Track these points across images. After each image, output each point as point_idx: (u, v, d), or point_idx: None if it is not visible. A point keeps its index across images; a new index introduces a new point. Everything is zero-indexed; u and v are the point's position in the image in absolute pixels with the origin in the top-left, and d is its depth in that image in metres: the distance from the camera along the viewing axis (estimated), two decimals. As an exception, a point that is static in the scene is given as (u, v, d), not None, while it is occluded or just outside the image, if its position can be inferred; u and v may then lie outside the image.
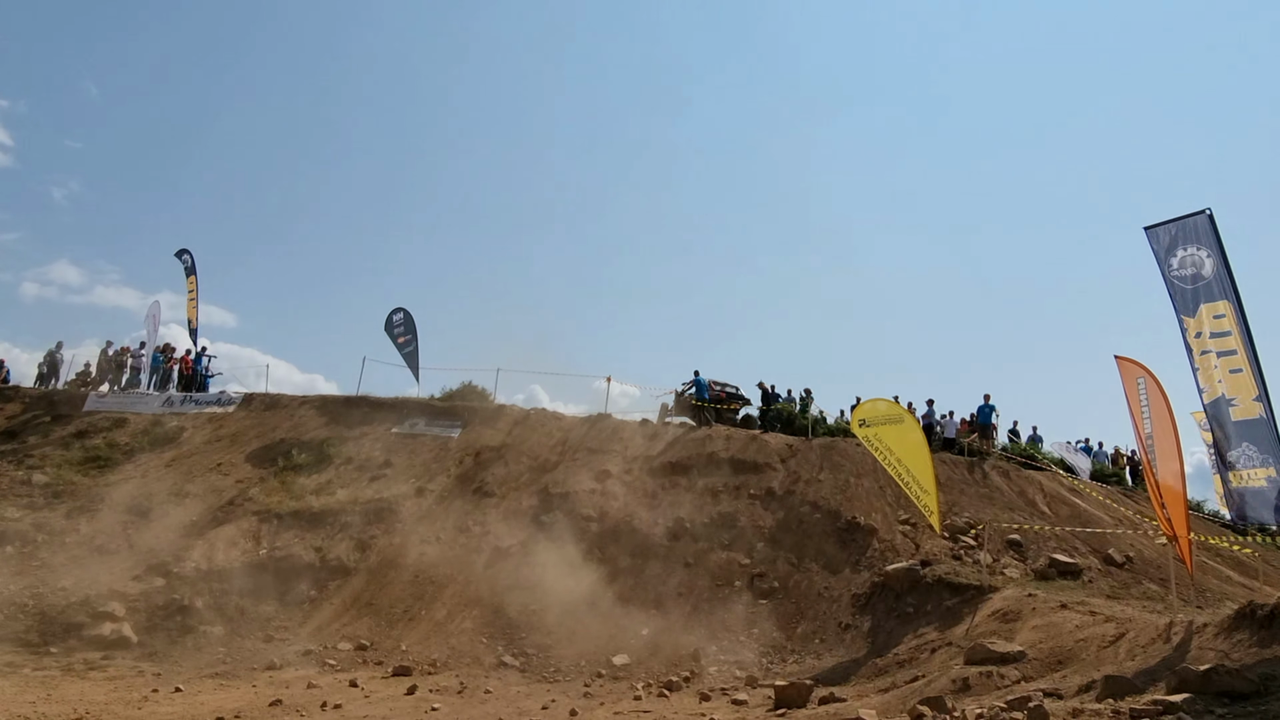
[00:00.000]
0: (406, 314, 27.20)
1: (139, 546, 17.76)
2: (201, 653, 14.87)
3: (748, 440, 21.72)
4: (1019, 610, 12.94)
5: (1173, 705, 7.00)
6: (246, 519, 18.72)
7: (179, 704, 11.37)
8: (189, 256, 28.42)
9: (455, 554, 17.82)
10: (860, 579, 16.37)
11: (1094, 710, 7.03)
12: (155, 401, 25.05)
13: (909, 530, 17.71)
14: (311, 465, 21.25)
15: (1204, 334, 10.44)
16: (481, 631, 15.74)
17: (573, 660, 14.92)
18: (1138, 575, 16.54)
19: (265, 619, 16.11)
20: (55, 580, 16.59)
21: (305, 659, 14.70)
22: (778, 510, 18.91)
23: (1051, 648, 11.12)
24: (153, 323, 27.46)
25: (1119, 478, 25.47)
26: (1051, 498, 20.63)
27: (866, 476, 19.63)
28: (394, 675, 13.95)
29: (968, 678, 10.45)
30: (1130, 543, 17.90)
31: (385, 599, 16.64)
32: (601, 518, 18.97)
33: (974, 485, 20.62)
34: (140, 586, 16.37)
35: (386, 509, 19.15)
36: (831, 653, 14.68)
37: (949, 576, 15.09)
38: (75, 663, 13.86)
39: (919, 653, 13.06)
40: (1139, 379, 11.82)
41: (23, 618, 15.46)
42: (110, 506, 19.12)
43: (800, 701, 11.15)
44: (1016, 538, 17.49)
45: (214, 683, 13.10)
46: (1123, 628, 10.98)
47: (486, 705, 12.04)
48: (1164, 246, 11.00)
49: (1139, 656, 9.85)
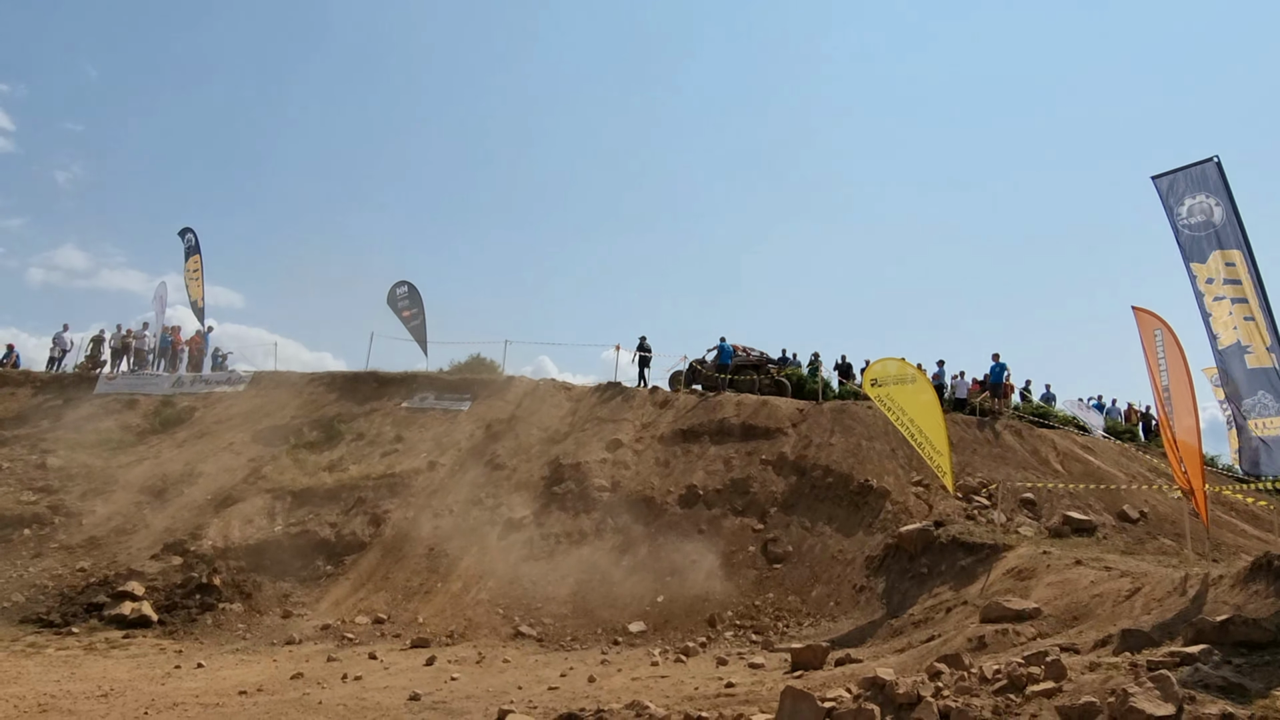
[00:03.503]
0: (411, 287, 27.08)
1: (155, 526, 17.90)
2: (221, 629, 15.01)
3: (758, 405, 21.68)
4: (1033, 568, 12.93)
5: (1190, 656, 6.97)
6: (260, 497, 18.82)
7: (202, 679, 11.48)
8: (192, 235, 28.30)
9: (469, 526, 17.89)
10: (874, 541, 16.38)
11: (1111, 663, 7.00)
12: (165, 382, 25.15)
13: (922, 492, 17.70)
14: (323, 442, 21.34)
15: (1216, 280, 10.26)
16: (497, 603, 15.83)
17: (589, 629, 15.01)
18: (1152, 531, 16.51)
19: (283, 595, 16.24)
20: (74, 561, 16.75)
21: (324, 633, 14.82)
22: (790, 475, 18.91)
23: (1067, 604, 11.11)
24: (160, 304, 27.50)
25: (1132, 434, 25.40)
26: (1065, 455, 20.58)
27: (878, 439, 19.59)
28: (412, 647, 14.06)
29: (984, 635, 10.45)
30: (1144, 499, 17.87)
31: (401, 573, 16.74)
32: (614, 487, 19.00)
33: (986, 445, 20.58)
34: (158, 566, 16.51)
35: (399, 484, 19.22)
36: (847, 615, 14.72)
37: (963, 536, 15.07)
38: (97, 641, 14.00)
39: (934, 612, 13.08)
40: (1156, 331, 11.68)
41: (43, 599, 15.63)
42: (125, 487, 19.26)
43: (817, 663, 11.18)
44: (1030, 496, 17.47)
45: (235, 658, 13.22)
46: (1138, 582, 10.95)
47: (505, 674, 12.12)
48: (1172, 195, 10.80)
49: (1155, 610, 9.82)
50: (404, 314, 26.94)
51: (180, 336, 27.59)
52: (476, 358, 26.51)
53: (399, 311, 27.03)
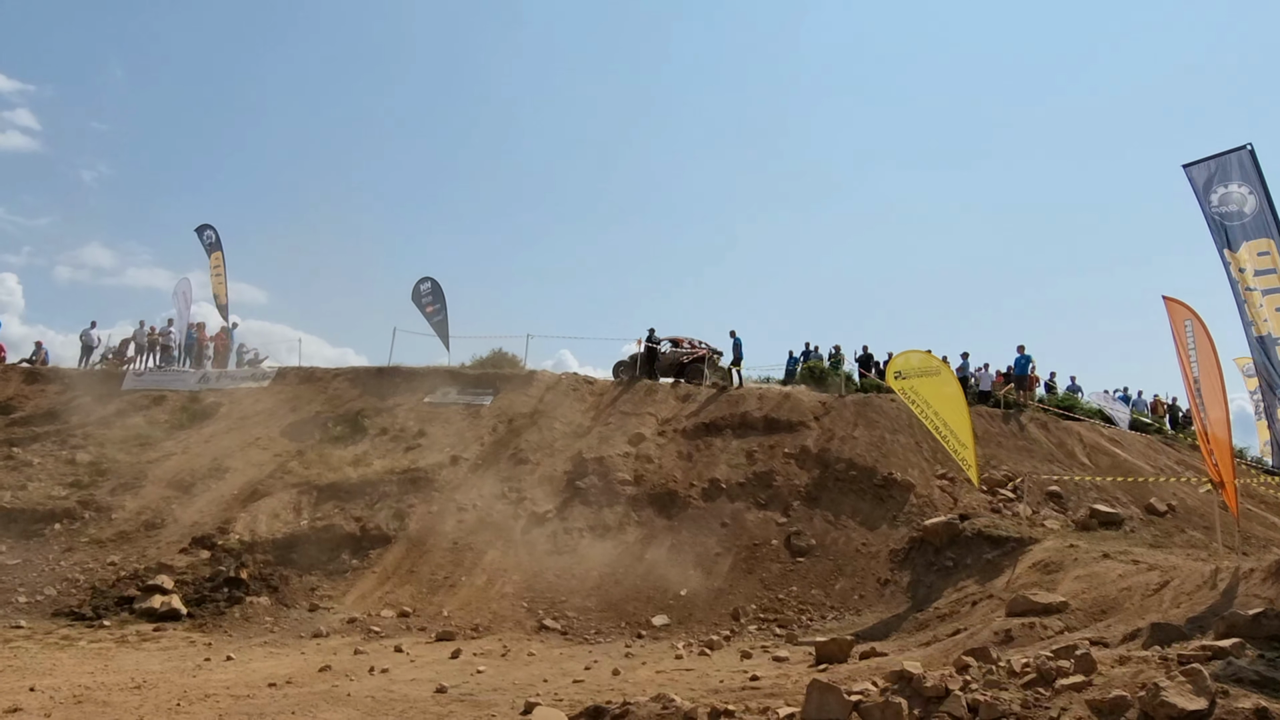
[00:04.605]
0: (434, 283, 27.22)
1: (183, 521, 18.10)
2: (249, 622, 15.16)
3: (780, 399, 21.63)
4: (1060, 561, 12.85)
5: (1222, 650, 6.90)
6: (286, 491, 18.98)
7: (232, 672, 11.61)
8: (212, 232, 28.38)
9: (493, 521, 17.97)
10: (898, 535, 16.33)
11: (1141, 658, 6.94)
12: (191, 378, 25.40)
13: (946, 485, 17.63)
14: (347, 437, 21.48)
15: (1248, 270, 10.14)
16: (522, 596, 15.91)
17: (613, 622, 15.06)
18: (1181, 524, 16.37)
19: (309, 588, 16.38)
20: (104, 555, 16.97)
21: (350, 627, 14.95)
22: (813, 468, 18.86)
23: (1095, 597, 11.04)
24: (183, 300, 27.70)
25: (1159, 427, 25.13)
26: (1091, 448, 20.41)
27: (902, 432, 19.52)
28: (438, 640, 14.15)
29: (1010, 629, 10.41)
30: (1172, 491, 17.70)
31: (425, 566, 16.85)
32: (637, 480, 19.02)
33: (1011, 438, 20.45)
34: (187, 559, 16.70)
35: (423, 478, 19.32)
36: (871, 609, 14.69)
37: (988, 529, 15.01)
38: (129, 634, 14.18)
39: (959, 606, 13.04)
40: (1186, 321, 11.56)
41: (75, 592, 15.85)
42: (153, 482, 19.48)
43: (841, 656, 11.16)
44: (1056, 489, 17.36)
45: (263, 651, 13.36)
46: (1167, 575, 10.87)
47: (531, 667, 12.18)
48: (1203, 183, 10.66)
49: (1185, 604, 9.74)
50: (427, 309, 27.07)
51: (205, 333, 27.84)
52: (498, 352, 26.60)
53: (422, 307, 27.16)
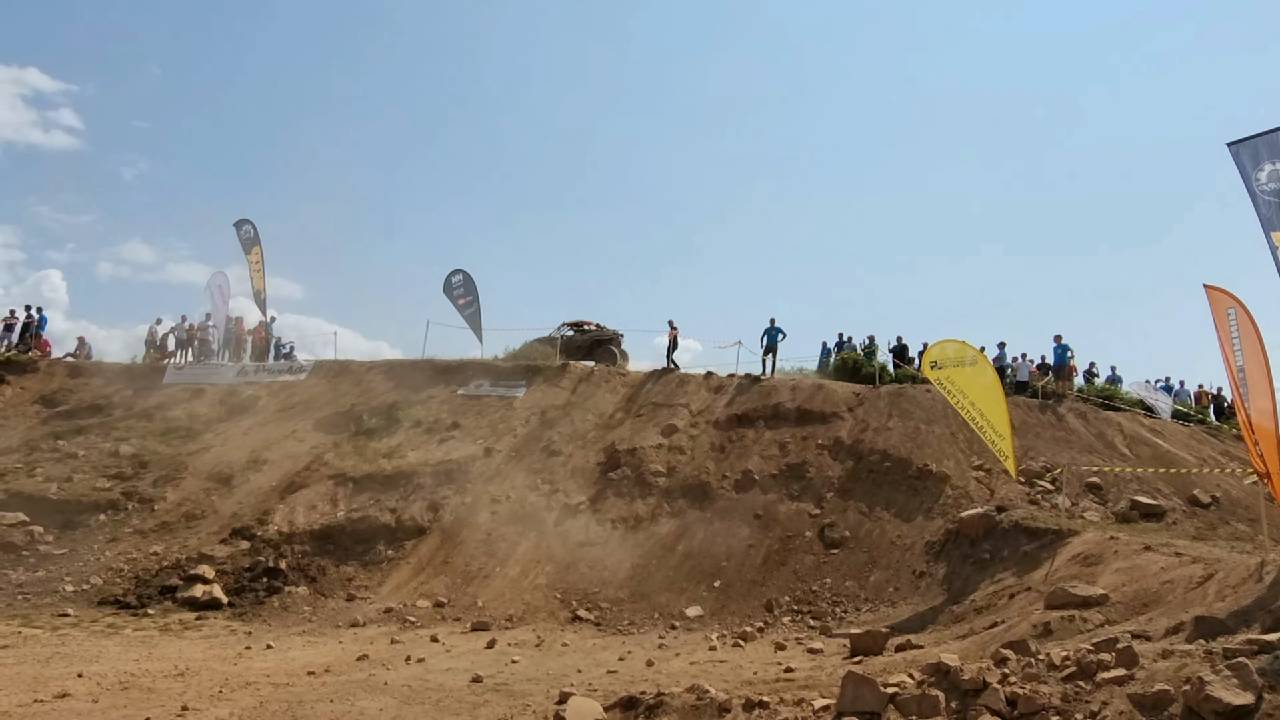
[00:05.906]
0: (466, 275, 27.34)
1: (223, 512, 18.43)
2: (288, 612, 15.41)
3: (813, 390, 21.51)
4: (1100, 553, 12.65)
5: (1269, 644, 6.75)
6: (323, 483, 19.23)
7: (272, 660, 11.80)
8: (250, 227, 28.61)
9: (526, 512, 18.07)
10: (933, 526, 16.16)
11: (1185, 651, 6.80)
12: (230, 372, 25.78)
13: (983, 476, 17.41)
14: (382, 429, 21.70)
15: (1296, 251, 9.89)
16: (555, 587, 15.99)
17: (646, 613, 15.09)
18: (1225, 516, 16.06)
19: (346, 579, 16.60)
20: (147, 545, 17.32)
21: (386, 616, 15.13)
22: (846, 460, 18.73)
23: (1136, 590, 10.85)
24: (221, 294, 28.08)
25: (1202, 417, 24.64)
26: (1131, 439, 20.07)
27: (937, 423, 19.30)
28: (473, 630, 14.27)
29: (1049, 622, 10.27)
30: (1216, 483, 17.36)
31: (460, 557, 16.99)
32: (669, 472, 19.02)
33: (1050, 428, 20.15)
34: (227, 550, 16.99)
35: (457, 470, 19.47)
36: (906, 601, 14.56)
37: (1026, 521, 14.80)
38: (171, 623, 14.46)
39: (997, 599, 12.88)
40: (1229, 309, 11.28)
41: (120, 581, 16.20)
42: (194, 474, 19.84)
43: (876, 649, 11.09)
44: (1096, 480, 17.08)
45: (302, 640, 13.56)
46: (1211, 568, 10.65)
47: (565, 657, 12.25)
48: (1250, 162, 10.41)
49: (1229, 597, 9.55)
50: (459, 301, 27.18)
51: (243, 327, 28.23)
52: (531, 344, 26.70)
53: (454, 299, 27.27)
